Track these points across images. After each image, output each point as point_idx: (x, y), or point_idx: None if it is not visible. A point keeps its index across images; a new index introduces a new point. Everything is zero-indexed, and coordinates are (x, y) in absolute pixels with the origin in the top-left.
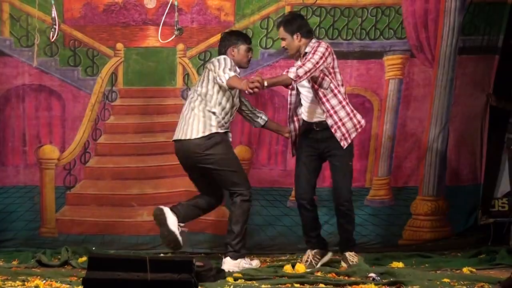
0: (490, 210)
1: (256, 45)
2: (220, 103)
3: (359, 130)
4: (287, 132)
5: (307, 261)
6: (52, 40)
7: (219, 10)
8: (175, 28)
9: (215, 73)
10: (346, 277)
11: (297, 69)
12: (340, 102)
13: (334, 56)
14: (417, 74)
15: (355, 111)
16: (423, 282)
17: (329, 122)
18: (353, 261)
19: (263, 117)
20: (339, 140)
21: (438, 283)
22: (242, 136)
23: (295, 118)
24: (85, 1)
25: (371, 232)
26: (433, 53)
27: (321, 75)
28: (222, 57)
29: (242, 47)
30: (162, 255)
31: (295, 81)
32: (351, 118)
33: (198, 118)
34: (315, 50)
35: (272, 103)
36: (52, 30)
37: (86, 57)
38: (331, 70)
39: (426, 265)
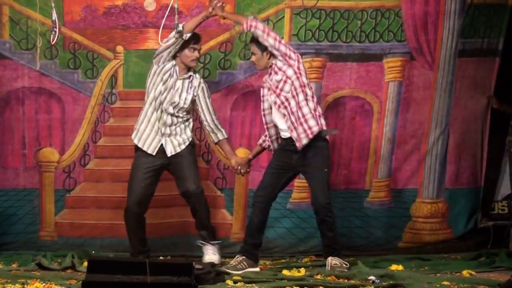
0: (490, 213)
1: None
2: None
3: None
4: (234, 165)
5: (233, 264)
6: (53, 43)
7: None
8: (175, 30)
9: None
10: (346, 280)
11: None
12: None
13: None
14: (417, 76)
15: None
16: (422, 285)
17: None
18: (334, 266)
19: (219, 136)
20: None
21: (437, 285)
22: (242, 138)
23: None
24: (85, 4)
25: (371, 234)
26: (433, 55)
27: (292, 87)
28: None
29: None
30: (161, 258)
31: (249, 26)
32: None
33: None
34: (263, 65)
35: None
36: (52, 33)
37: (86, 59)
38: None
39: (426, 267)
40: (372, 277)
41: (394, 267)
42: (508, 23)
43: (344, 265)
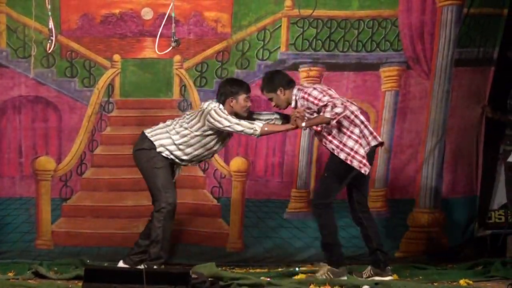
0: (487, 222)
1: (253, 57)
2: (189, 143)
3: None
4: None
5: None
6: (49, 51)
7: (216, 22)
8: (172, 39)
9: (219, 125)
10: None
11: (332, 109)
12: (345, 134)
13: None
14: (414, 86)
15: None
16: None
17: (342, 156)
18: (321, 274)
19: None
20: (357, 168)
21: None
22: (239, 147)
23: None
24: (82, 12)
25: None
26: (429, 65)
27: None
28: (217, 108)
29: (241, 97)
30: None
31: (334, 119)
32: (360, 145)
33: (163, 128)
34: (315, 99)
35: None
36: (49, 41)
37: (83, 68)
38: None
39: (420, 277)
40: (367, 287)
41: None
42: (503, 32)
43: (327, 275)
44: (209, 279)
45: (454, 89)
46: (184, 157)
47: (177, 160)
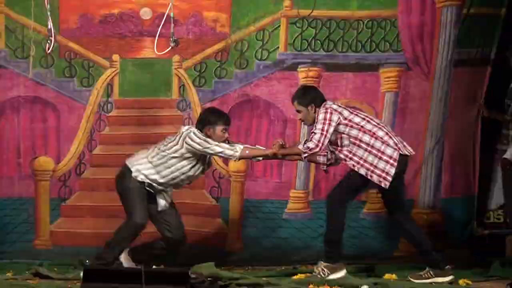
0: (485, 222)
1: (251, 57)
2: (166, 164)
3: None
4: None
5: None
6: (48, 52)
7: (215, 22)
8: (171, 39)
9: (198, 147)
10: None
11: (306, 144)
12: (366, 150)
13: (341, 109)
14: (413, 86)
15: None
16: None
17: (362, 172)
18: (319, 272)
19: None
20: (377, 182)
21: None
22: None
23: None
24: (81, 12)
25: (367, 244)
26: (428, 66)
27: (337, 135)
28: (196, 131)
29: (218, 128)
30: (154, 267)
31: (305, 153)
32: (380, 158)
33: (142, 153)
34: (318, 119)
35: (268, 114)
36: (48, 41)
37: (82, 68)
38: (346, 123)
39: None
40: (365, 287)
41: (387, 276)
42: (501, 32)
43: (322, 273)
44: (208, 279)
45: (453, 89)
46: (161, 180)
47: (154, 184)
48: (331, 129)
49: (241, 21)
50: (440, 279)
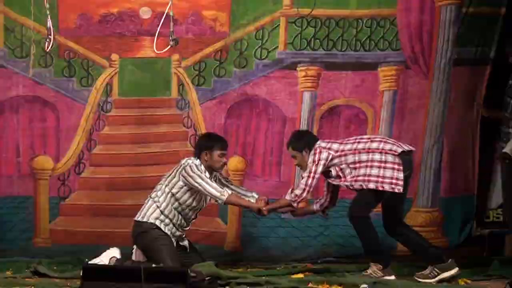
0: (485, 221)
1: (251, 56)
2: (175, 196)
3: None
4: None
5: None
6: (47, 51)
7: (214, 21)
8: (170, 38)
9: (191, 180)
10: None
11: (293, 192)
12: (367, 166)
13: (330, 145)
14: (412, 85)
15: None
16: None
17: (372, 186)
18: (371, 272)
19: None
20: (390, 190)
21: None
22: (237, 146)
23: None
24: (81, 11)
25: None
26: (428, 64)
27: (336, 169)
28: (193, 164)
29: (216, 153)
30: (154, 265)
31: (295, 201)
32: (384, 168)
33: (147, 203)
34: (307, 163)
35: (267, 113)
36: (47, 40)
37: (81, 67)
38: (339, 154)
39: None
40: (365, 285)
41: None
42: (500, 32)
43: (376, 273)
44: (208, 278)
45: (452, 88)
46: (179, 216)
47: (173, 223)
48: (320, 169)
49: (241, 20)
50: (446, 274)
